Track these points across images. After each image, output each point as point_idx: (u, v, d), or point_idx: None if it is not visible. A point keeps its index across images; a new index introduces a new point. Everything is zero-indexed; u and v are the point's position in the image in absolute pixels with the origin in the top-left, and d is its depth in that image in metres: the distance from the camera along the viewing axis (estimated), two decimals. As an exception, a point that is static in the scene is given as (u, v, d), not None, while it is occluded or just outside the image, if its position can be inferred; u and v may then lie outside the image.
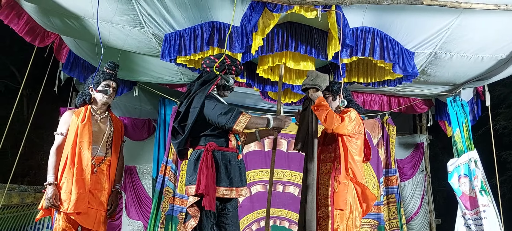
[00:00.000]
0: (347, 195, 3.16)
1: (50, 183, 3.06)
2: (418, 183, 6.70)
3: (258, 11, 3.46)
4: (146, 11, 3.56)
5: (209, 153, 2.82)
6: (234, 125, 2.77)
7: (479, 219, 4.38)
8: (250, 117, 2.84)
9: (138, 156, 6.37)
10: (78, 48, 4.63)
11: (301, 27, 3.87)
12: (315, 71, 3.53)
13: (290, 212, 5.83)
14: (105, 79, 3.32)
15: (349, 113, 3.22)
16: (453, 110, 4.86)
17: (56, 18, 3.80)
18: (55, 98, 6.79)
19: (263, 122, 2.92)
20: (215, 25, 3.74)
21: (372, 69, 4.52)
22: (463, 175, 4.65)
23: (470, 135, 4.83)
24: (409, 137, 6.94)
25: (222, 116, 2.80)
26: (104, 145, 3.28)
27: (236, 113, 2.80)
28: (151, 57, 4.49)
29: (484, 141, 6.66)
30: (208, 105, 2.87)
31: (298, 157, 5.94)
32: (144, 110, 6.46)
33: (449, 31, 3.74)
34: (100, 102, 3.32)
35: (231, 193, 2.87)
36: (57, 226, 3.05)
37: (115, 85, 3.38)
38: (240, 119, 2.78)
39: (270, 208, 3.15)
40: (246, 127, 2.81)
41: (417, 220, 6.57)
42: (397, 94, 5.86)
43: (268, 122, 2.94)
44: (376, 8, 3.53)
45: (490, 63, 4.28)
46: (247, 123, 2.80)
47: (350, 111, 3.26)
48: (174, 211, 5.64)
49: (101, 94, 3.29)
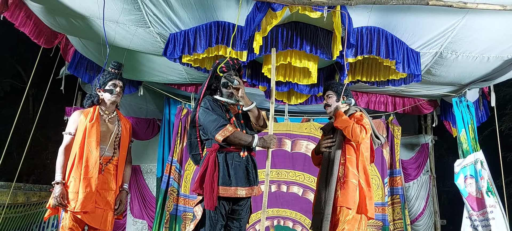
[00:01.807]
0: (356, 196, 3.13)
1: (57, 182, 3.08)
2: (423, 183, 6.67)
3: (263, 11, 3.47)
4: (151, 11, 3.58)
5: (213, 154, 2.87)
6: (216, 134, 2.83)
7: (485, 220, 4.37)
8: (233, 131, 2.86)
9: (143, 155, 6.39)
10: (84, 48, 4.65)
11: (306, 26, 3.87)
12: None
13: (294, 212, 5.83)
14: (111, 79, 3.33)
15: (363, 120, 3.21)
16: (459, 111, 4.85)
17: (62, 18, 3.83)
18: (61, 98, 6.82)
19: (246, 139, 2.91)
20: (220, 24, 3.75)
21: (377, 69, 4.52)
22: (469, 175, 4.63)
23: (476, 135, 4.81)
24: (414, 138, 6.91)
25: (210, 123, 2.88)
26: (112, 145, 3.29)
27: (222, 124, 2.85)
28: (157, 57, 4.51)
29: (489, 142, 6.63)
30: (200, 113, 2.97)
31: (302, 157, 5.95)
32: (149, 110, 6.48)
33: (455, 31, 3.72)
34: (108, 102, 3.33)
35: (236, 193, 2.85)
36: (64, 225, 3.07)
37: (122, 84, 3.39)
38: (224, 129, 2.83)
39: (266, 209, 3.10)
40: (228, 138, 2.84)
41: (422, 221, 6.54)
42: (402, 94, 5.84)
43: (252, 139, 2.93)
44: (381, 8, 3.52)
45: (496, 63, 4.26)
46: (228, 136, 2.83)
47: (363, 118, 3.25)
48: (178, 210, 5.66)
49: (109, 94, 3.30)
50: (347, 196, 3.09)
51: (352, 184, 3.13)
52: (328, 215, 3.08)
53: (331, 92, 3.43)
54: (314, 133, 5.98)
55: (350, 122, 3.16)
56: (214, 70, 3.09)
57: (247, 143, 2.91)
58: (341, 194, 3.11)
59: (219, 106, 2.99)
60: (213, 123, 2.86)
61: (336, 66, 4.54)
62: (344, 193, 3.10)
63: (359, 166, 3.19)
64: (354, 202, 3.11)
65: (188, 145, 3.18)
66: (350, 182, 3.13)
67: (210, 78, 3.10)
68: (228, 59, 3.11)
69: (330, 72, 4.74)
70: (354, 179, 3.15)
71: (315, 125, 6.05)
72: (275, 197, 5.84)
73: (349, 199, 3.09)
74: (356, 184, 3.14)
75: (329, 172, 3.21)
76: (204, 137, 3.01)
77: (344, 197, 3.10)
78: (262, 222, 3.07)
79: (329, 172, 3.20)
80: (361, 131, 3.10)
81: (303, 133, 6.03)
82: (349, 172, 3.15)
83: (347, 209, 3.08)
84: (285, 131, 5.99)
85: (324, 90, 3.50)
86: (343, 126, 3.17)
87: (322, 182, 3.22)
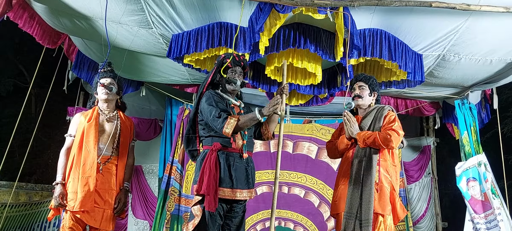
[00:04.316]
0: (388, 200, 2.99)
1: (57, 183, 3.13)
2: (425, 185, 6.66)
3: (266, 12, 3.47)
4: (154, 12, 3.58)
5: (214, 153, 2.82)
6: (223, 128, 2.76)
7: (490, 222, 4.35)
8: (237, 118, 2.80)
9: (145, 155, 6.39)
10: (86, 48, 4.66)
11: (309, 28, 3.87)
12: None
13: (295, 213, 5.82)
14: (101, 78, 3.37)
15: (396, 122, 3.05)
16: (461, 113, 4.84)
17: (65, 19, 3.84)
18: (63, 98, 6.84)
19: (252, 116, 2.83)
20: (223, 25, 3.75)
21: (379, 71, 4.51)
22: (472, 178, 4.62)
23: (478, 138, 4.80)
24: (416, 140, 6.90)
25: (214, 118, 2.80)
26: (111, 144, 3.30)
27: (226, 116, 2.79)
28: (159, 57, 4.51)
29: (491, 144, 6.62)
30: (204, 108, 2.90)
31: (304, 159, 5.94)
32: (151, 110, 6.48)
33: (458, 33, 3.72)
34: (101, 101, 3.37)
35: (235, 195, 2.84)
36: (64, 225, 3.09)
37: (111, 81, 3.39)
38: (228, 121, 2.76)
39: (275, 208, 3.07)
40: (236, 128, 2.77)
41: (424, 223, 6.52)
42: (404, 96, 5.83)
43: (257, 113, 2.83)
44: (384, 10, 3.52)
45: (498, 66, 4.25)
46: (235, 125, 2.77)
47: (395, 120, 3.08)
48: (180, 211, 5.66)
49: (100, 92, 3.34)
50: (384, 202, 2.95)
51: (386, 188, 2.98)
52: (369, 221, 2.88)
53: (364, 84, 3.27)
54: (316, 135, 5.97)
55: (372, 135, 2.99)
56: (219, 64, 3.04)
57: (255, 119, 2.82)
58: (378, 199, 2.94)
59: (223, 101, 2.96)
60: (217, 118, 2.79)
61: (337, 68, 4.54)
62: (381, 199, 2.95)
63: (389, 168, 3.05)
64: (389, 208, 2.98)
65: (185, 140, 3.13)
66: (384, 187, 2.97)
67: (215, 73, 3.05)
68: (234, 55, 3.07)
69: (332, 73, 4.74)
70: (387, 183, 3.00)
71: (317, 126, 6.05)
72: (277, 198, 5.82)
73: (386, 205, 2.95)
74: (389, 188, 3.01)
75: (365, 174, 2.98)
76: (205, 134, 2.95)
77: (382, 202, 2.94)
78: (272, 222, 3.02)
79: (365, 174, 2.98)
80: (391, 137, 2.92)
81: (305, 134, 6.03)
82: (382, 175, 2.99)
83: (387, 216, 2.95)
84: (287, 133, 5.98)
85: (357, 79, 3.32)
86: (370, 142, 2.99)
87: (357, 184, 3.00)
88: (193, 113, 3.07)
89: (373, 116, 3.18)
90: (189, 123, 3.10)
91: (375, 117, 3.17)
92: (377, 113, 3.18)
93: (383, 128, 3.06)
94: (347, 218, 2.96)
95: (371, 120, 3.17)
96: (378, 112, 3.18)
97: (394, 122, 3.05)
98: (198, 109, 3.00)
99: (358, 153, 3.08)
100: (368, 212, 2.88)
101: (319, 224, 5.74)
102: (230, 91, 3.06)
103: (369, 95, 3.27)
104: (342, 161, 3.27)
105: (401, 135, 2.99)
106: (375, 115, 3.18)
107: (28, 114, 10.02)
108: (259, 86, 4.84)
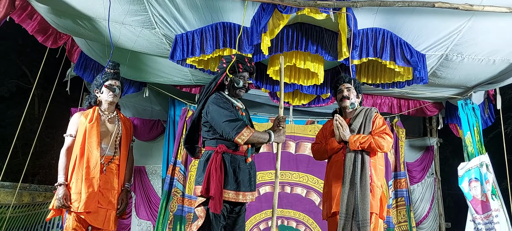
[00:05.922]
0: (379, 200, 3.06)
1: (60, 184, 3.12)
2: (428, 186, 6.65)
3: (268, 12, 3.47)
4: (157, 12, 3.58)
5: (219, 155, 2.80)
6: (236, 137, 2.73)
7: (489, 223, 4.34)
8: (253, 131, 2.78)
9: (148, 156, 6.41)
10: (89, 49, 4.67)
11: (311, 28, 3.86)
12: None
13: (298, 213, 5.83)
14: (108, 79, 3.35)
15: (385, 125, 3.15)
16: (464, 113, 4.83)
17: (67, 19, 3.84)
18: (66, 99, 6.87)
19: (265, 137, 2.86)
20: (226, 26, 3.75)
21: (381, 71, 4.50)
22: (474, 178, 4.61)
23: (481, 138, 4.79)
24: (419, 140, 6.89)
25: (227, 124, 2.76)
26: (113, 145, 3.31)
27: (241, 125, 2.75)
28: (161, 58, 4.52)
29: (494, 145, 6.60)
30: (213, 110, 2.84)
31: (306, 159, 5.94)
32: (154, 111, 6.49)
33: (461, 33, 3.71)
34: (106, 103, 3.36)
35: (238, 197, 2.83)
36: (68, 226, 3.09)
37: (119, 84, 3.40)
38: (243, 132, 2.73)
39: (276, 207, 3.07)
40: (248, 141, 2.76)
41: (427, 224, 6.51)
42: (407, 96, 5.82)
43: (269, 137, 2.87)
44: (387, 10, 3.51)
45: (501, 66, 4.23)
46: (249, 137, 2.75)
47: (384, 123, 3.19)
48: (183, 211, 5.67)
49: (106, 94, 3.32)
50: (377, 201, 3.02)
51: (378, 188, 3.06)
52: (367, 221, 2.93)
53: (351, 86, 3.33)
54: (319, 135, 5.97)
55: (368, 139, 3.06)
56: (230, 68, 2.97)
57: (266, 140, 2.86)
58: (372, 198, 3.00)
59: (230, 104, 2.92)
60: (230, 124, 2.75)
61: (340, 68, 4.53)
62: (374, 198, 3.02)
63: (377, 168, 3.13)
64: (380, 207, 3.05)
65: (186, 137, 3.10)
66: (376, 187, 3.05)
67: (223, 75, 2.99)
68: (246, 60, 3.03)
69: (335, 73, 4.73)
70: (378, 183, 3.08)
71: (319, 127, 6.03)
72: (279, 198, 5.83)
73: (378, 204, 3.02)
74: (380, 189, 3.08)
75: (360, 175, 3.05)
76: (210, 136, 2.91)
77: (375, 202, 3.02)
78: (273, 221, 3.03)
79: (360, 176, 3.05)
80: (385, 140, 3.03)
81: (307, 135, 6.03)
82: (373, 176, 3.07)
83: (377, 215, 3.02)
84: (290, 133, 5.98)
85: (343, 81, 3.38)
86: (365, 145, 3.06)
87: (352, 186, 3.05)
88: (197, 115, 3.03)
89: (362, 117, 3.26)
90: (192, 123, 3.07)
91: (364, 118, 3.25)
92: (365, 115, 3.26)
93: (374, 132, 3.15)
94: (344, 220, 3.01)
95: (361, 122, 3.24)
96: (366, 114, 3.26)
97: (384, 125, 3.17)
98: (202, 111, 2.97)
99: (351, 155, 3.13)
100: (366, 212, 2.94)
101: (320, 221, 5.75)
102: (237, 95, 3.05)
103: (357, 97, 3.36)
104: (331, 163, 3.33)
105: (392, 138, 3.10)
106: (363, 117, 3.25)
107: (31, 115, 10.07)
108: (262, 86, 4.85)
